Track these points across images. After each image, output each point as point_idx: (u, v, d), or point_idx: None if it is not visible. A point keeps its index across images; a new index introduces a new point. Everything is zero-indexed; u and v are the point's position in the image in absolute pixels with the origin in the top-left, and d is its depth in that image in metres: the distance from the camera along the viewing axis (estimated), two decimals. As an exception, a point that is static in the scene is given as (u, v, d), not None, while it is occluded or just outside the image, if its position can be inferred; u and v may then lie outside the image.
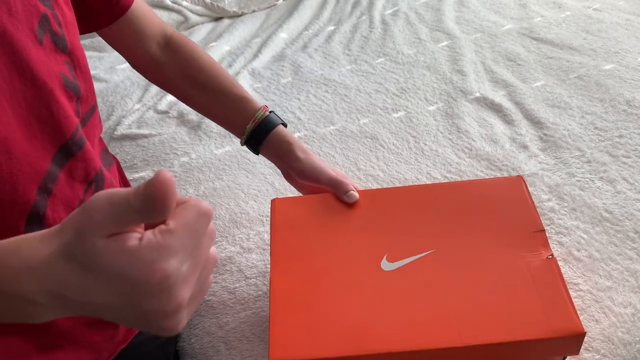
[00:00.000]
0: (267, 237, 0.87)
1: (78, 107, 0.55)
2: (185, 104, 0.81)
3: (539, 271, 0.61)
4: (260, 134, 0.75)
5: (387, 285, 0.62)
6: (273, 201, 0.72)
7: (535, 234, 0.65)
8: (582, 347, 0.67)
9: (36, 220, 0.50)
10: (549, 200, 0.86)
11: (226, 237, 0.89)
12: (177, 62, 0.76)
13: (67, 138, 0.52)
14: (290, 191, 0.96)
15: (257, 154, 0.77)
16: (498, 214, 0.68)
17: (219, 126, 1.15)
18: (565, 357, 0.62)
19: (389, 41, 1.37)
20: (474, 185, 0.73)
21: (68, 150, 0.53)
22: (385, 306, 0.60)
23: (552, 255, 0.62)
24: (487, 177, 0.92)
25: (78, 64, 0.55)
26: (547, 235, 0.65)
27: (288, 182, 0.78)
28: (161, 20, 0.78)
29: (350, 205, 0.71)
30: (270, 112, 0.76)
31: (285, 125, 0.77)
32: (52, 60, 0.51)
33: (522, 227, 0.66)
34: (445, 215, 0.68)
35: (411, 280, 0.62)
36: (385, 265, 0.63)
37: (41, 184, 0.50)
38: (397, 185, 0.94)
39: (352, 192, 0.71)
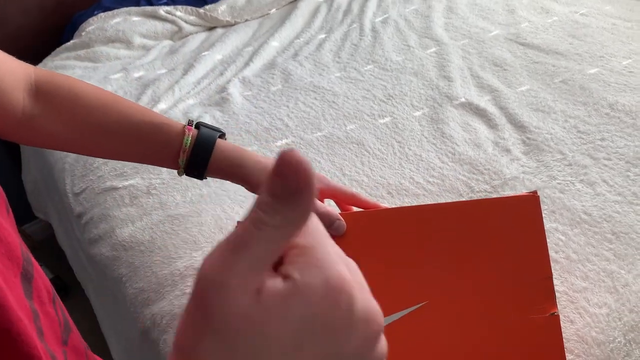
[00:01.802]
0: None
1: None
2: (88, 155, 0.65)
3: (540, 333, 0.56)
4: (199, 163, 0.62)
5: None
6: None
7: (541, 282, 0.57)
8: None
9: None
10: (529, 203, 0.87)
11: (211, 242, 0.90)
12: (55, 109, 0.60)
13: (20, 258, 0.36)
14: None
15: (203, 179, 0.65)
16: (504, 251, 0.58)
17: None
18: None
19: (378, 48, 1.38)
20: (480, 207, 0.60)
21: (27, 274, 0.36)
22: None
23: (555, 312, 0.57)
24: (469, 180, 0.93)
25: None
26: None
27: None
28: (21, 63, 0.61)
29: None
30: (197, 126, 0.63)
31: (223, 135, 0.65)
32: None
33: (529, 271, 0.57)
34: (442, 253, 0.58)
35: (401, 342, 0.55)
36: None
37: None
38: (381, 189, 0.95)
39: (338, 222, 0.59)
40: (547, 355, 0.56)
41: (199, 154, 0.62)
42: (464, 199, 0.90)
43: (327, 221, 0.60)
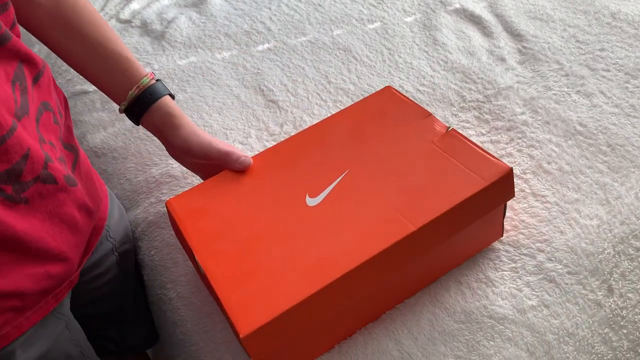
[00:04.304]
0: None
1: None
2: (61, 58, 0.70)
3: (447, 143, 0.64)
4: (144, 102, 0.68)
5: (320, 216, 0.60)
6: (168, 203, 0.65)
7: (425, 120, 0.68)
8: (545, 257, 0.66)
9: None
10: (522, 113, 0.83)
11: (188, 149, 0.85)
12: (55, 5, 0.65)
13: None
14: (257, 104, 0.92)
15: (138, 124, 0.71)
16: (387, 120, 0.70)
17: (183, 35, 1.09)
18: (505, 210, 0.67)
19: (368, -50, 1.28)
20: (355, 108, 0.74)
21: None
22: (327, 235, 0.58)
23: (449, 127, 0.66)
24: (461, 90, 0.89)
25: None
26: (515, 144, 0.67)
27: (177, 161, 0.73)
28: None
29: (251, 172, 0.67)
30: (157, 80, 0.70)
31: (172, 96, 0.71)
32: None
33: (412, 119, 0.69)
34: (345, 141, 0.69)
35: (341, 203, 0.61)
36: (310, 201, 0.62)
37: None
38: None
39: (243, 157, 0.67)
40: (465, 156, 0.62)
41: (148, 95, 0.68)
42: (454, 108, 0.86)
43: (231, 158, 0.66)
